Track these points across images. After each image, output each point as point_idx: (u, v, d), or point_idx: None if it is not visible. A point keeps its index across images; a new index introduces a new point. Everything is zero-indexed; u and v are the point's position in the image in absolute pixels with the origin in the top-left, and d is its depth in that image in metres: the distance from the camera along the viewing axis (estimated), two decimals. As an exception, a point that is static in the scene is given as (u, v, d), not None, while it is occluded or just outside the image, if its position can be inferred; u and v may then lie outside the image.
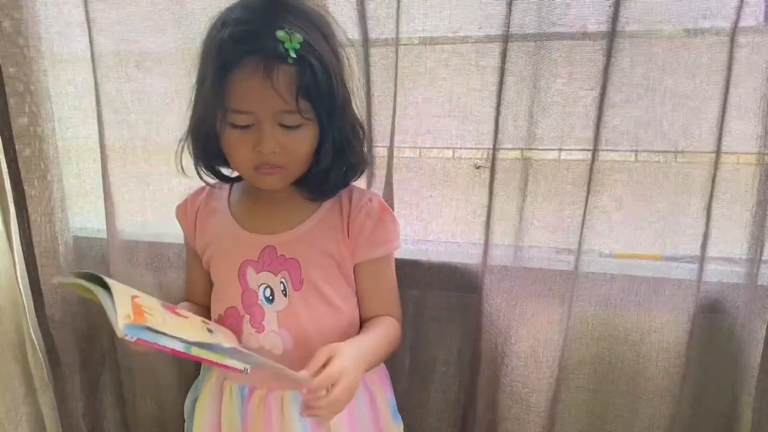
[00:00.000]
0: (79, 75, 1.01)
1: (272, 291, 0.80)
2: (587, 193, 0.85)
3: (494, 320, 0.94)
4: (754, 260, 0.85)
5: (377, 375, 0.88)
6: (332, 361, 0.69)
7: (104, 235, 1.06)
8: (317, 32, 0.72)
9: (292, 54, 0.68)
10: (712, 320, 0.90)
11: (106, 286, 0.62)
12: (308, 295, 0.80)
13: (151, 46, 0.98)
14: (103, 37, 0.96)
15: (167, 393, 1.12)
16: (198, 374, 0.94)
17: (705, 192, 0.84)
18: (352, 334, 0.81)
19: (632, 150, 0.87)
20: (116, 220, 1.04)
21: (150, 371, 1.11)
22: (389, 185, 0.94)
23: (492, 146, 0.88)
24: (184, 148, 0.81)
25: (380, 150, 0.93)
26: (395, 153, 0.93)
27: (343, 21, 0.83)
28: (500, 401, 0.96)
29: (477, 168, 0.93)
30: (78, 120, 1.05)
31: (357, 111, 0.81)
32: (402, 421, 0.91)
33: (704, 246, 0.86)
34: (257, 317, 0.80)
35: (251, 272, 0.80)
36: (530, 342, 0.92)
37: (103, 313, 0.60)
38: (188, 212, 0.88)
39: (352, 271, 0.84)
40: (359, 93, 0.86)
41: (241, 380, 0.83)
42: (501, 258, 0.92)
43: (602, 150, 0.84)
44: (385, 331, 0.83)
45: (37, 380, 1.09)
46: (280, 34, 0.68)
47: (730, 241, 0.87)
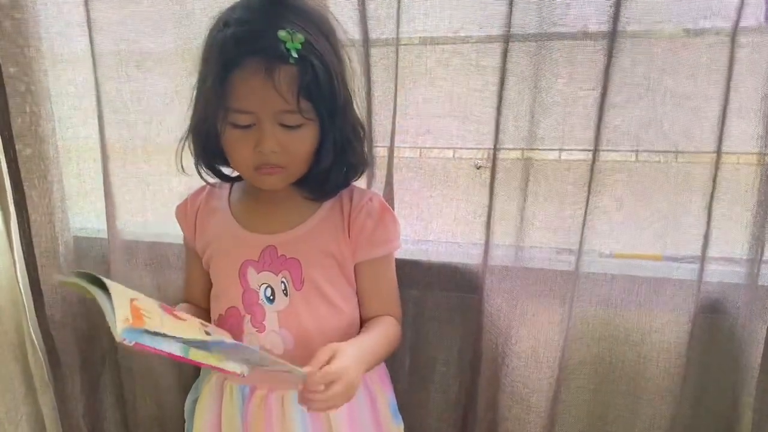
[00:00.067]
0: (80, 75, 1.01)
1: (273, 291, 0.80)
2: (588, 194, 0.85)
3: (495, 320, 0.94)
4: (755, 260, 0.85)
5: (377, 375, 0.88)
6: (333, 361, 0.69)
7: (104, 236, 1.05)
8: (319, 32, 0.72)
9: (294, 54, 0.68)
10: (713, 320, 0.90)
11: (105, 288, 0.62)
12: (309, 295, 0.80)
13: (152, 46, 0.97)
14: (104, 37, 0.96)
15: (167, 393, 1.12)
16: (198, 375, 0.94)
17: (706, 192, 0.84)
18: (353, 334, 0.81)
19: (633, 150, 0.87)
20: (116, 221, 1.04)
21: (150, 372, 1.11)
22: (389, 185, 0.94)
23: (492, 146, 0.88)
24: (185, 147, 0.81)
25: (380, 150, 0.93)
26: (395, 153, 0.93)
27: (344, 21, 0.83)
28: (501, 401, 0.96)
29: (477, 168, 0.93)
30: (78, 120, 1.05)
31: (358, 111, 0.81)
32: (402, 421, 0.91)
33: (705, 246, 0.86)
34: (258, 317, 0.80)
35: (252, 272, 0.80)
36: (531, 342, 0.92)
37: (103, 315, 0.60)
38: (188, 212, 0.88)
39: (353, 271, 0.84)
40: (360, 93, 0.86)
41: (242, 380, 0.83)
42: (501, 258, 0.92)
43: (603, 150, 0.84)
44: (386, 332, 0.83)
45: (38, 380, 1.09)
46: (282, 34, 0.67)
47: (731, 242, 0.87)
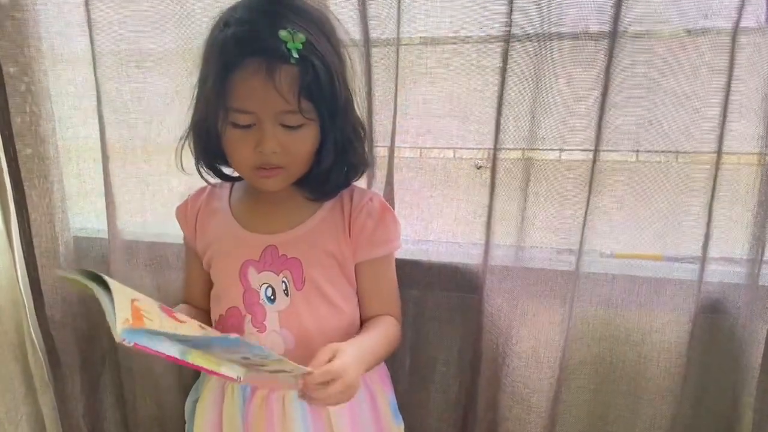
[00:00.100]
0: (80, 75, 1.01)
1: (274, 291, 0.80)
2: (588, 194, 0.85)
3: (495, 320, 0.94)
4: (755, 260, 0.85)
5: (378, 374, 0.88)
6: (334, 360, 0.69)
7: (104, 236, 1.05)
8: (320, 32, 0.72)
9: (295, 54, 0.67)
10: (713, 320, 0.90)
11: (106, 286, 0.62)
12: (310, 295, 0.80)
13: (152, 46, 0.97)
14: (104, 37, 0.96)
15: (167, 394, 1.12)
16: (199, 376, 0.94)
17: (706, 192, 0.84)
18: (353, 334, 0.81)
19: (633, 150, 0.87)
20: (116, 221, 1.04)
21: (150, 372, 1.10)
22: (390, 185, 0.94)
23: (493, 146, 0.88)
24: (185, 147, 0.81)
25: (381, 150, 0.93)
26: (396, 153, 0.93)
27: (344, 21, 0.83)
28: (501, 401, 0.96)
29: (478, 168, 0.93)
30: (78, 120, 1.04)
31: (358, 111, 0.81)
32: (403, 421, 0.91)
33: (705, 246, 0.86)
34: (259, 317, 0.80)
35: (253, 272, 0.80)
36: (531, 342, 0.92)
37: (103, 314, 0.60)
38: (188, 213, 0.88)
39: (353, 271, 0.84)
40: (360, 93, 0.85)
41: (238, 384, 0.82)
42: (502, 258, 0.92)
43: (603, 150, 0.84)
44: (386, 331, 0.83)
45: (38, 380, 1.09)
46: (283, 34, 0.67)
47: (731, 242, 0.87)
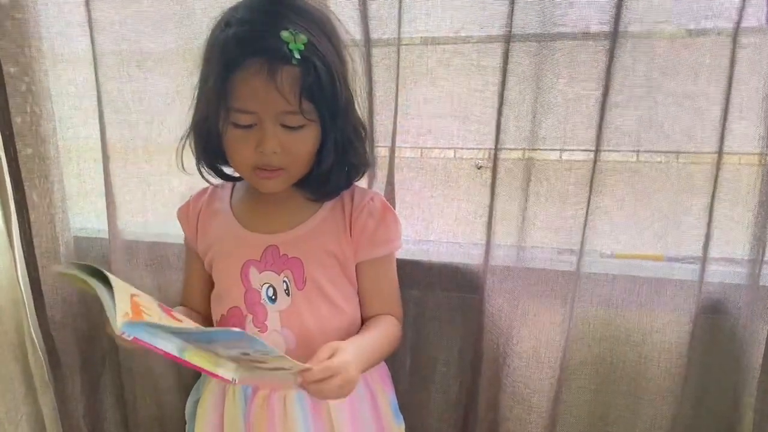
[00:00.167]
0: (80, 75, 1.01)
1: (275, 290, 0.80)
2: (589, 194, 0.85)
3: (496, 320, 0.94)
4: (756, 261, 0.85)
5: (378, 374, 0.88)
6: (333, 357, 0.69)
7: (105, 236, 1.05)
8: (321, 32, 0.72)
9: (296, 55, 0.67)
10: (714, 321, 0.90)
11: (106, 281, 0.62)
12: (311, 295, 0.80)
13: (153, 46, 0.97)
14: (105, 37, 0.96)
15: (167, 394, 1.12)
16: (199, 376, 0.94)
17: (707, 192, 0.84)
18: (354, 334, 0.81)
19: (634, 150, 0.87)
20: (117, 221, 1.04)
21: (150, 372, 1.10)
22: (391, 185, 0.94)
23: (494, 146, 0.88)
24: (186, 147, 0.81)
25: (382, 150, 0.93)
26: (397, 153, 0.93)
27: (345, 21, 0.83)
28: (502, 402, 0.96)
29: (478, 168, 0.93)
30: (79, 120, 1.04)
31: (359, 111, 0.81)
32: (403, 421, 0.91)
33: (706, 247, 0.86)
34: (260, 317, 0.80)
35: (254, 272, 0.80)
36: (532, 342, 0.92)
37: (103, 314, 0.60)
38: (190, 214, 0.88)
39: (354, 271, 0.84)
40: (361, 93, 0.85)
41: (233, 385, 0.83)
42: (503, 258, 0.92)
43: (604, 150, 0.84)
44: (386, 331, 0.83)
45: (38, 380, 1.08)
46: (285, 35, 0.67)
47: (732, 242, 0.87)
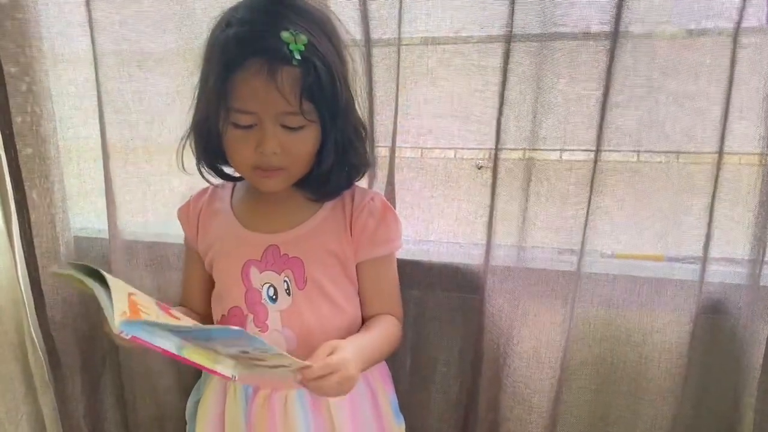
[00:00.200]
0: (81, 75, 1.01)
1: (276, 290, 0.80)
2: (590, 194, 0.85)
3: (496, 321, 0.94)
4: (757, 261, 0.85)
5: (379, 373, 0.88)
6: (333, 355, 0.69)
7: (105, 236, 1.05)
8: (321, 33, 0.71)
9: (297, 55, 0.67)
10: (715, 321, 0.90)
11: (103, 280, 0.62)
12: (312, 294, 0.80)
13: (153, 46, 0.97)
14: (105, 37, 0.96)
15: (167, 394, 1.12)
16: (200, 376, 0.94)
17: (707, 193, 0.84)
18: (355, 333, 0.81)
19: (635, 150, 0.87)
20: (117, 221, 1.04)
21: (150, 373, 1.10)
22: (391, 185, 0.94)
23: (494, 146, 0.88)
24: (186, 147, 0.81)
25: (382, 150, 0.93)
26: (397, 153, 0.93)
27: (345, 21, 0.83)
28: (502, 402, 0.96)
29: (479, 168, 0.93)
30: (79, 120, 1.04)
31: (360, 112, 0.81)
32: (404, 421, 0.91)
33: (706, 247, 0.86)
34: (261, 317, 0.80)
35: (255, 272, 0.80)
36: (532, 343, 0.92)
37: (102, 312, 0.60)
38: (190, 214, 0.88)
39: (355, 270, 0.84)
40: (361, 93, 0.85)
41: (233, 383, 0.83)
42: (503, 258, 0.92)
43: (605, 150, 0.84)
44: (386, 331, 0.83)
45: (38, 381, 1.08)
46: (285, 35, 0.67)
47: (733, 242, 0.87)
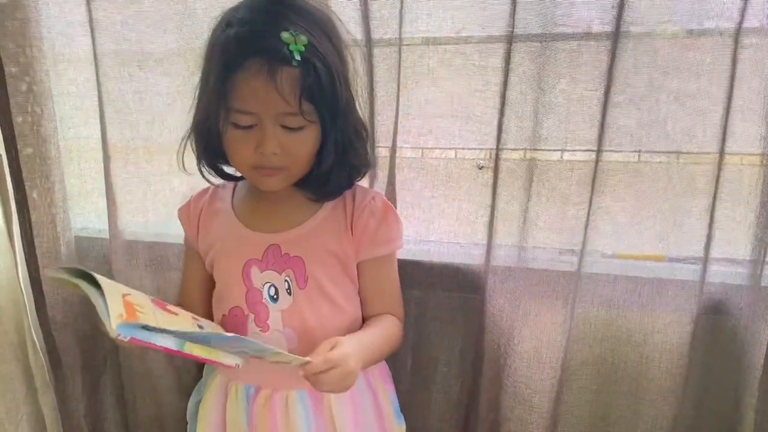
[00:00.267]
0: (81, 75, 1.01)
1: (276, 290, 0.80)
2: (591, 194, 0.85)
3: (497, 321, 0.94)
4: (758, 261, 0.85)
5: (380, 373, 0.88)
6: (333, 350, 0.70)
7: (106, 236, 1.05)
8: (321, 33, 0.71)
9: (297, 56, 0.67)
10: (716, 321, 0.90)
11: (96, 283, 0.62)
12: (312, 294, 0.80)
13: (154, 46, 0.97)
14: (106, 37, 0.96)
15: (168, 394, 1.12)
16: (200, 376, 0.94)
17: (708, 193, 0.84)
18: (355, 333, 0.81)
19: (636, 151, 0.87)
20: (118, 221, 1.04)
21: (151, 373, 1.10)
22: (392, 185, 0.94)
23: (495, 147, 0.88)
24: (187, 146, 0.81)
25: (383, 150, 0.93)
26: (398, 153, 0.93)
27: (346, 21, 0.83)
28: (503, 402, 0.96)
29: (480, 168, 0.93)
30: (80, 120, 1.04)
31: (360, 112, 0.81)
32: (405, 421, 0.91)
33: (707, 247, 0.86)
34: (262, 316, 0.80)
35: (255, 271, 0.80)
36: (533, 343, 0.92)
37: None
38: (191, 214, 0.88)
39: (356, 270, 0.84)
40: (362, 93, 0.85)
41: (246, 380, 0.83)
42: (504, 258, 0.92)
43: (606, 151, 0.84)
44: (387, 330, 0.83)
45: (38, 381, 1.08)
46: (285, 36, 0.67)
47: (734, 243, 0.87)
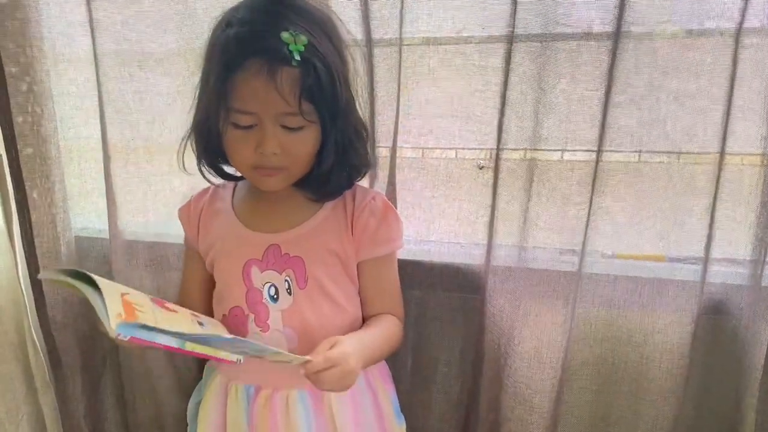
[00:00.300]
0: (82, 75, 1.01)
1: (277, 290, 0.80)
2: (591, 194, 0.85)
3: (497, 321, 0.93)
4: (758, 261, 0.85)
5: (380, 373, 0.88)
6: (333, 349, 0.70)
7: (106, 236, 1.05)
8: (322, 33, 0.71)
9: (296, 56, 0.67)
10: (716, 322, 0.90)
11: (93, 284, 0.62)
12: (313, 294, 0.80)
13: (154, 46, 0.97)
14: (106, 37, 0.96)
15: (168, 395, 1.12)
16: (200, 377, 0.94)
17: (709, 193, 0.84)
18: (356, 333, 0.81)
19: (636, 151, 0.87)
20: (118, 221, 1.04)
21: (151, 373, 1.10)
22: (392, 185, 0.94)
23: (495, 147, 0.88)
24: (187, 146, 0.81)
25: (383, 150, 0.93)
26: (398, 153, 0.93)
27: (347, 21, 0.83)
28: (503, 402, 0.96)
29: (480, 168, 0.93)
30: (80, 120, 1.04)
31: (361, 112, 0.81)
32: (405, 421, 0.91)
33: (708, 247, 0.86)
34: (262, 316, 0.80)
35: (256, 271, 0.80)
36: (533, 343, 0.92)
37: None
38: (191, 214, 0.88)
39: (356, 270, 0.84)
40: (363, 93, 0.85)
41: (247, 380, 0.83)
42: (504, 258, 0.92)
43: (606, 151, 0.84)
44: (387, 330, 0.83)
45: (38, 380, 1.08)
46: (285, 36, 0.67)
47: (734, 243, 0.87)
